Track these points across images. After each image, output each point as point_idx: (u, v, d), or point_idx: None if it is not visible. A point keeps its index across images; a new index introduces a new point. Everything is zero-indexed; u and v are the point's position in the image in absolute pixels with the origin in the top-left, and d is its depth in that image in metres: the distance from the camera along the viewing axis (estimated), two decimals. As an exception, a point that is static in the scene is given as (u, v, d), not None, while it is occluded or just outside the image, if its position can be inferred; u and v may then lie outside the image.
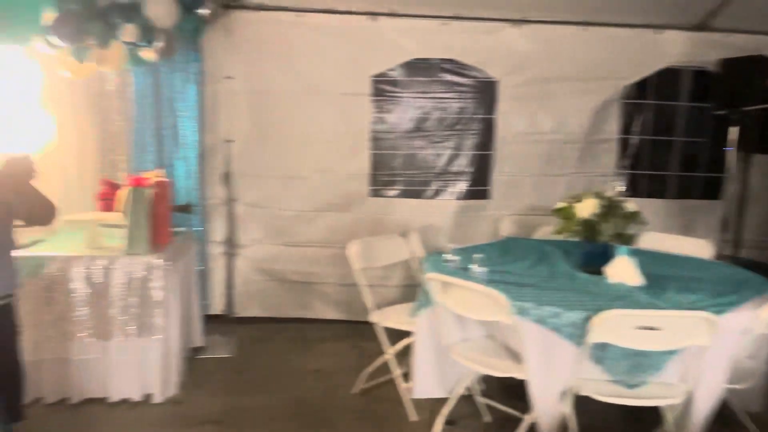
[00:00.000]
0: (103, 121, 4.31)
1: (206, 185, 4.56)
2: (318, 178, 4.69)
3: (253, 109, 4.60)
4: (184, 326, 3.77)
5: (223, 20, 4.34)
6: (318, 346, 4.42)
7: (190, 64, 4.28)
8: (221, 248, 4.74)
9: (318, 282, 4.80)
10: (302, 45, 4.50)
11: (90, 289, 3.40)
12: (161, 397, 3.51)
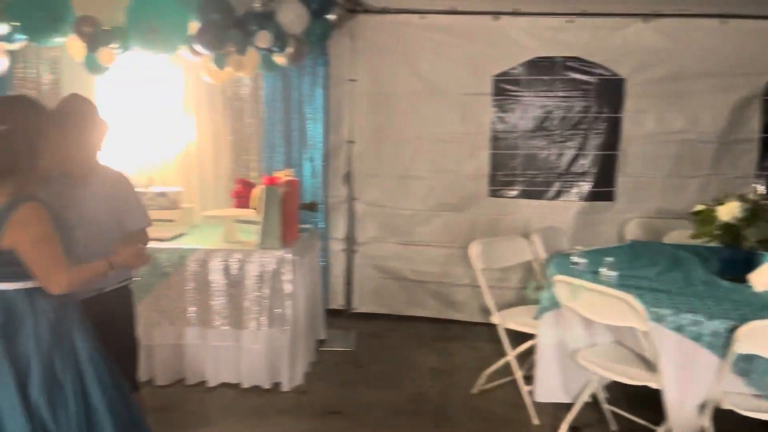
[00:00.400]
0: (238, 123, 4.58)
1: (329, 184, 4.73)
2: (435, 177, 4.73)
3: (374, 111, 4.72)
4: (309, 319, 3.93)
5: (349, 24, 4.47)
6: (434, 345, 4.46)
7: (318, 67, 4.45)
8: (341, 245, 4.90)
9: (433, 281, 4.84)
10: (424, 46, 4.55)
11: (226, 281, 3.63)
12: (288, 386, 3.69)
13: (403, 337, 4.60)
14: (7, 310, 2.02)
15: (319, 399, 3.63)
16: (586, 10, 4.34)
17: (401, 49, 4.57)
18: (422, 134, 4.69)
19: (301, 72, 4.43)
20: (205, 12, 3.75)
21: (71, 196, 2.48)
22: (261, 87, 4.52)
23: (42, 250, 2.02)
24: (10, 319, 2.01)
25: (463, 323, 4.80)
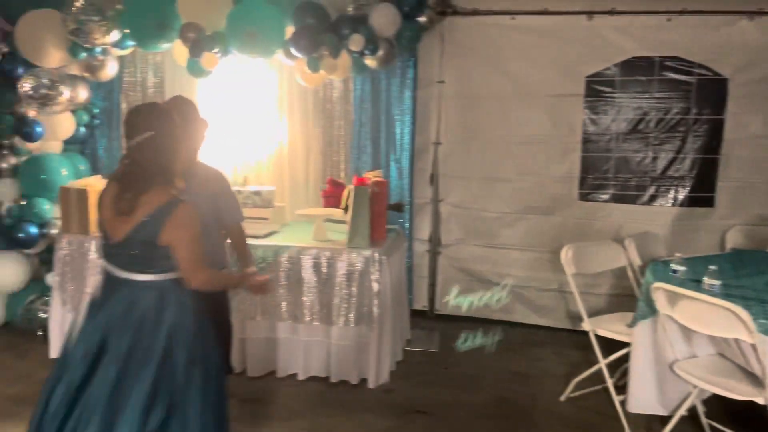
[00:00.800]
0: (328, 125, 4.69)
1: (415, 185, 4.75)
2: (523, 180, 4.66)
3: (461, 112, 4.70)
4: (395, 318, 3.97)
5: (438, 26, 4.49)
6: (520, 350, 4.40)
7: (407, 69, 4.49)
8: (426, 246, 4.91)
9: (519, 285, 4.78)
10: (514, 47, 4.50)
11: (316, 278, 3.73)
12: (374, 383, 3.74)
13: (489, 342, 4.56)
14: (160, 297, 2.21)
15: (404, 397, 3.66)
16: (686, 8, 4.17)
17: (490, 50, 4.54)
18: (510, 136, 4.64)
19: (390, 74, 4.49)
20: (301, 17, 3.88)
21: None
22: (351, 89, 4.61)
23: (193, 248, 2.21)
24: (161, 303, 2.20)
25: (549, 329, 4.71)
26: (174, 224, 2.15)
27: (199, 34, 3.84)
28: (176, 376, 2.16)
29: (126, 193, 2.16)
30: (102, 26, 3.82)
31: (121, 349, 2.15)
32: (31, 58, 4.06)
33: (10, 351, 4.12)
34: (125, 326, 2.17)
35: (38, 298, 4.27)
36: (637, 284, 3.61)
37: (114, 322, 2.18)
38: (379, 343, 3.73)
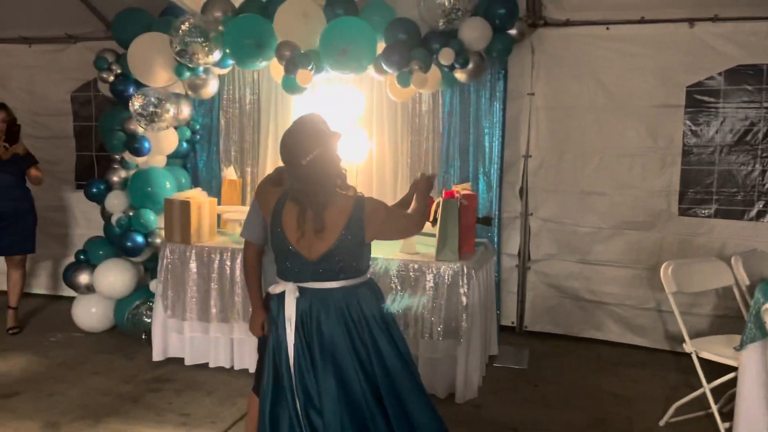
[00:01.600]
0: (416, 138, 4.71)
1: (504, 199, 4.69)
2: (619, 194, 4.50)
3: (552, 125, 4.62)
4: (483, 333, 3.92)
5: (529, 38, 4.44)
6: (615, 370, 4.23)
7: (496, 82, 4.45)
8: (514, 261, 4.83)
9: (614, 303, 4.60)
10: (609, 58, 4.38)
11: (404, 290, 3.74)
12: (462, 399, 3.70)
13: (580, 360, 4.41)
14: (366, 295, 2.38)
15: (494, 414, 3.60)
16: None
17: (584, 61, 4.43)
18: (605, 148, 4.50)
19: (480, 87, 4.47)
20: (393, 33, 3.95)
21: None
22: (440, 103, 4.62)
23: (399, 217, 2.50)
24: (370, 300, 2.39)
25: (646, 349, 4.50)
26: (372, 217, 2.30)
27: (294, 52, 3.98)
28: (397, 365, 2.34)
29: (312, 212, 2.25)
30: (205, 47, 4.03)
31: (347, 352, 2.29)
32: (141, 78, 4.34)
33: (118, 352, 4.39)
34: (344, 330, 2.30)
35: (143, 303, 4.52)
36: (745, 305, 3.39)
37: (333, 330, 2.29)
38: (467, 358, 3.69)
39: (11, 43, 5.47)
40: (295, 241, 2.28)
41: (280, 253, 2.34)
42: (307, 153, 2.24)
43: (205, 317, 4.04)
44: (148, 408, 3.59)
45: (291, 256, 2.31)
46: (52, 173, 5.36)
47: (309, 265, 2.29)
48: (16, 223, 4.69)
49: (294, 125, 2.38)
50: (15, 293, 4.82)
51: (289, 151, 2.29)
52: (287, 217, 2.30)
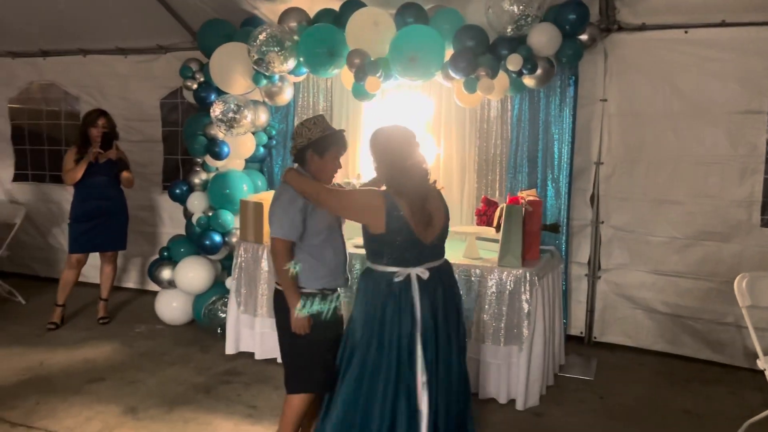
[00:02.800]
0: (484, 144, 4.72)
1: (573, 206, 4.61)
2: (695, 203, 4.33)
3: (625, 131, 4.50)
4: (548, 342, 3.87)
5: (601, 43, 4.35)
6: (688, 386, 4.07)
7: (566, 88, 4.40)
8: (584, 270, 4.73)
9: (689, 317, 4.42)
10: (686, 62, 4.23)
11: (466, 295, 3.76)
12: (523, 405, 3.68)
13: (651, 374, 4.27)
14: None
15: (555, 423, 3.56)
16: None
17: (660, 66, 4.30)
18: (681, 156, 4.34)
19: (549, 93, 4.42)
20: (461, 39, 3.99)
21: None
22: (508, 109, 4.61)
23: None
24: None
25: (724, 366, 4.30)
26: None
27: (364, 60, 4.10)
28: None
29: (423, 206, 2.69)
30: (281, 56, 4.21)
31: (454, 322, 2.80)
32: (221, 86, 4.59)
33: (195, 345, 4.65)
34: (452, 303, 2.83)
35: (219, 299, 4.76)
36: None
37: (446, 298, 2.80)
38: (528, 365, 3.67)
39: (109, 54, 5.90)
40: (417, 231, 2.67)
41: (402, 244, 2.69)
42: (408, 156, 2.68)
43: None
44: (218, 399, 3.79)
45: (412, 245, 2.70)
46: (142, 175, 5.73)
47: (426, 249, 2.74)
48: (109, 221, 5.04)
49: (392, 131, 2.76)
50: (106, 286, 5.20)
51: (392, 152, 2.69)
52: (405, 211, 2.65)
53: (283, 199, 2.78)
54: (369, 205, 2.69)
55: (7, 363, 4.26)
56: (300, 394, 2.84)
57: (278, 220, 2.78)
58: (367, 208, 2.69)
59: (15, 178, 6.53)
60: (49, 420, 3.47)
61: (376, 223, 2.67)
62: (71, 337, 4.79)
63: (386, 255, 2.72)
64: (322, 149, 2.80)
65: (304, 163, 2.84)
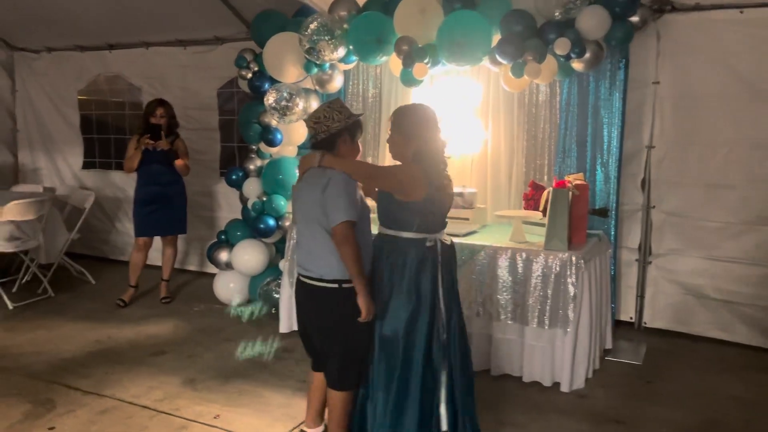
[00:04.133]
0: (532, 128, 4.73)
1: (623, 191, 4.57)
2: (752, 188, 4.23)
3: (678, 114, 4.42)
4: (595, 325, 3.88)
5: (653, 25, 4.28)
6: (741, 373, 4.00)
7: (616, 71, 4.34)
8: (634, 255, 4.69)
9: (744, 303, 4.33)
10: (743, 43, 4.12)
11: (512, 278, 3.81)
12: (567, 388, 3.71)
13: (703, 360, 4.22)
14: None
15: (600, 406, 3.57)
16: None
17: (714, 47, 4.20)
18: (737, 139, 4.25)
19: (599, 76, 4.38)
20: (508, 24, 4.00)
21: None
22: (557, 93, 4.59)
23: None
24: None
25: (778, 354, 4.22)
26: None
27: (412, 47, 4.17)
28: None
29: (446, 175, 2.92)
30: (331, 44, 4.33)
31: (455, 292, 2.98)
32: (274, 74, 4.75)
33: (250, 323, 4.86)
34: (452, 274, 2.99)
35: (273, 280, 4.95)
36: None
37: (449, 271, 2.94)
38: (574, 348, 3.69)
39: (169, 45, 6.17)
40: (444, 200, 2.89)
41: (433, 212, 2.85)
42: (438, 130, 2.88)
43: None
44: (271, 373, 3.98)
45: (440, 214, 2.89)
46: (201, 162, 5.99)
47: (443, 218, 2.93)
48: (169, 206, 5.30)
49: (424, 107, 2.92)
50: (168, 267, 5.48)
51: (428, 123, 2.86)
52: (437, 181, 2.82)
53: (338, 180, 2.71)
54: (412, 176, 2.78)
55: (79, 336, 4.58)
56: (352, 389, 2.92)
57: (343, 203, 2.68)
58: (411, 178, 2.78)
59: (84, 166, 6.93)
60: (116, 389, 3.72)
61: (416, 192, 2.77)
62: (136, 314, 5.09)
63: (416, 223, 2.81)
64: (353, 133, 2.85)
65: (334, 147, 2.79)
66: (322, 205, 2.70)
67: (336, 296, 2.77)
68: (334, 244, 2.70)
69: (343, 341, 2.82)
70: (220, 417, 3.39)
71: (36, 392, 3.66)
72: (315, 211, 2.74)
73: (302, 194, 2.83)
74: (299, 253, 2.90)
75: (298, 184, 2.89)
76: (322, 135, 2.77)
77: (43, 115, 7.06)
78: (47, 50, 6.87)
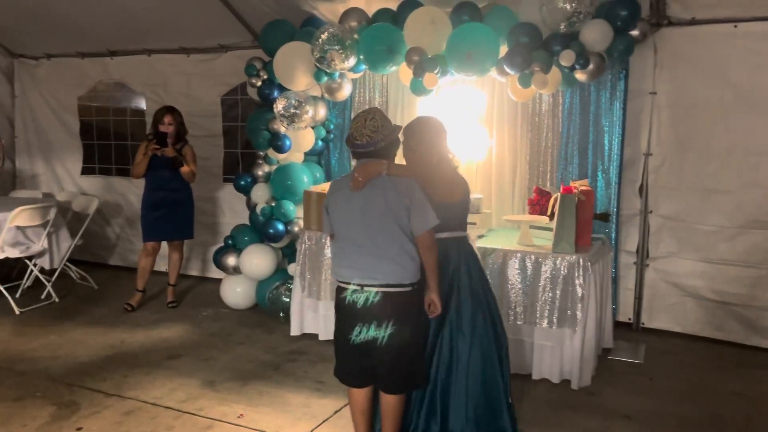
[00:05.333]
0: (535, 136, 4.90)
1: (623, 196, 4.75)
2: (745, 192, 4.43)
3: (674, 123, 4.61)
4: (598, 325, 4.04)
5: (652, 38, 4.48)
6: (737, 370, 4.19)
7: (617, 81, 4.53)
8: (632, 258, 4.87)
9: (738, 304, 4.53)
10: (737, 55, 4.32)
11: (521, 280, 3.95)
12: (576, 385, 3.86)
13: (700, 358, 4.40)
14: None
15: (608, 402, 3.73)
16: None
17: (710, 59, 4.41)
18: (731, 146, 4.45)
19: (600, 86, 4.57)
20: (516, 36, 4.16)
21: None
22: (559, 102, 4.77)
23: None
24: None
25: (774, 352, 4.42)
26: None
27: (422, 57, 4.31)
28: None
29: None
30: (341, 54, 4.45)
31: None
32: (284, 82, 4.85)
33: (259, 327, 4.95)
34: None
35: (282, 284, 5.04)
36: None
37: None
38: (582, 346, 3.84)
39: (173, 53, 6.24)
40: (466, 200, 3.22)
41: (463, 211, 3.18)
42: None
43: (336, 298, 4.46)
44: (287, 375, 4.07)
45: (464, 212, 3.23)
46: (204, 168, 6.04)
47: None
48: (175, 211, 5.36)
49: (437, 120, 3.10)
50: (174, 272, 5.53)
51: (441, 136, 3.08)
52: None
53: (418, 187, 2.80)
54: (453, 180, 3.10)
55: (92, 340, 4.62)
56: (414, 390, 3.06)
57: (429, 210, 2.78)
58: (452, 182, 3.09)
59: (83, 172, 6.95)
60: (138, 390, 3.79)
61: (455, 192, 3.06)
62: (145, 318, 5.14)
63: (451, 222, 3.03)
64: (399, 142, 3.03)
65: (389, 155, 2.88)
66: (406, 211, 2.75)
67: (412, 298, 2.84)
68: (413, 249, 2.77)
69: (415, 342, 2.90)
70: (244, 416, 3.48)
71: (59, 394, 3.71)
72: (391, 218, 2.75)
73: (369, 201, 2.78)
74: (353, 261, 2.81)
75: (362, 191, 2.79)
76: (381, 143, 2.81)
77: (42, 121, 7.07)
78: (47, 57, 6.90)
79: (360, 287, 2.78)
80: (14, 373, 4.03)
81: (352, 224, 2.82)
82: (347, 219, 2.84)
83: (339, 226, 2.87)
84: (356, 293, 2.79)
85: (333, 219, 2.89)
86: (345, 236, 2.85)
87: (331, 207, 2.90)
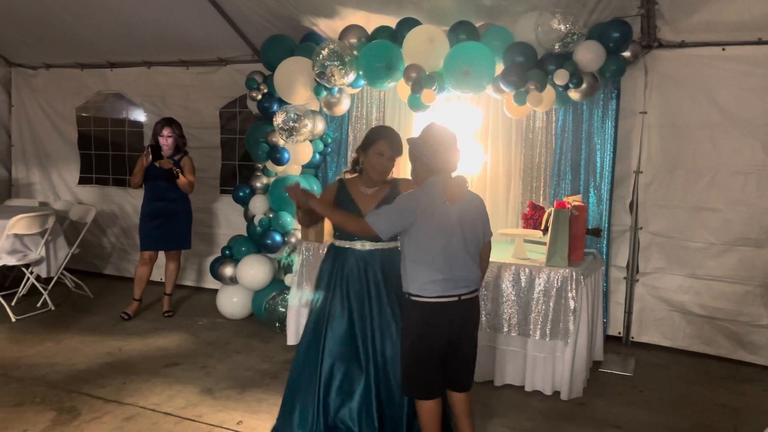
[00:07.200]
0: (529, 152, 5.01)
1: (614, 213, 4.87)
2: (732, 210, 4.56)
3: (664, 142, 4.75)
4: (589, 338, 4.13)
5: (643, 59, 4.62)
6: (724, 384, 4.29)
7: (609, 101, 4.67)
8: (622, 273, 4.98)
9: (725, 319, 4.64)
10: (724, 77, 4.48)
11: (515, 292, 4.04)
12: (567, 396, 3.94)
13: (688, 372, 4.50)
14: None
15: (599, 412, 3.81)
16: None
17: (699, 81, 4.56)
18: (718, 165, 4.58)
19: (592, 105, 4.71)
20: (511, 55, 4.29)
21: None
22: (553, 120, 4.90)
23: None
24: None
25: (758, 366, 4.51)
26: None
27: (420, 74, 4.43)
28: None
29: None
30: (341, 69, 4.56)
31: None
32: (284, 96, 4.95)
33: (256, 337, 4.99)
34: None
35: (278, 294, 5.09)
36: None
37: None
38: (573, 358, 3.93)
39: (172, 65, 6.32)
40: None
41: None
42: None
43: (333, 309, 4.52)
44: (285, 383, 4.08)
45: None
46: (201, 179, 6.11)
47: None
48: (173, 221, 5.41)
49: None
50: (170, 282, 5.58)
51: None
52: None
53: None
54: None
55: (88, 348, 4.65)
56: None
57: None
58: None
59: (80, 181, 6.99)
60: (137, 397, 3.82)
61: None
62: (141, 327, 5.17)
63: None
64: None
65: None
66: (482, 223, 3.09)
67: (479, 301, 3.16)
68: (480, 256, 3.09)
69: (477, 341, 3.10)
70: (243, 423, 3.53)
71: (59, 400, 3.74)
72: (478, 229, 3.04)
73: (464, 214, 2.94)
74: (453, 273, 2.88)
75: (462, 204, 2.92)
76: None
77: (39, 130, 7.12)
78: (45, 67, 6.96)
79: (458, 297, 2.91)
80: (12, 379, 4.05)
81: (451, 238, 2.88)
82: (447, 232, 2.87)
83: (429, 239, 2.87)
84: (451, 304, 2.90)
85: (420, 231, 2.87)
86: (436, 250, 2.86)
87: (422, 221, 2.86)
